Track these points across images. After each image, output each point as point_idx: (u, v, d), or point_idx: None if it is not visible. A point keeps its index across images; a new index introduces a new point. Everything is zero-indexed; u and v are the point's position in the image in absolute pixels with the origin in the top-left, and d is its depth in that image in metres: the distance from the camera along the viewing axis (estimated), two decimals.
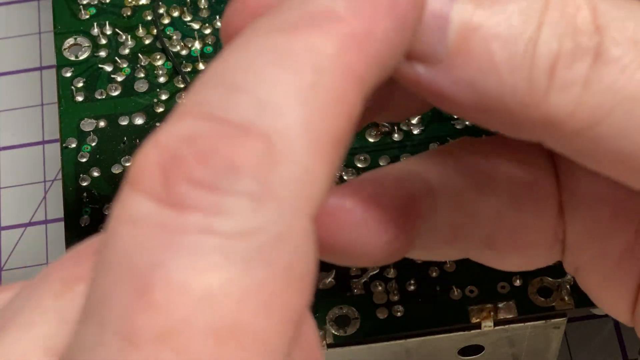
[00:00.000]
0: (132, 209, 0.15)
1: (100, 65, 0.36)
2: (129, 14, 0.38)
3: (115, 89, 0.36)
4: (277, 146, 0.16)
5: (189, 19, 0.37)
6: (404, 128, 0.35)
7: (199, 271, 0.15)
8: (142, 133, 0.35)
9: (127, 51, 0.37)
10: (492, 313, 0.31)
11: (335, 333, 0.31)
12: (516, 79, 0.18)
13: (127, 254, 0.15)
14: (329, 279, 0.32)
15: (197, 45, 0.37)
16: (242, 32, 0.17)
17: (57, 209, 0.41)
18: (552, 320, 0.32)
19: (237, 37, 0.17)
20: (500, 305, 0.31)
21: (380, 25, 0.17)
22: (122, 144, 0.35)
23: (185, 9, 0.37)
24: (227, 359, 0.15)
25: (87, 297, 0.15)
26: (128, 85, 0.36)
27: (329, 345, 0.31)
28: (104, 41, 0.37)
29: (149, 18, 0.37)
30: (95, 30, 0.37)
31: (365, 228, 0.21)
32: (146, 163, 0.16)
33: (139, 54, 0.37)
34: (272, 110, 0.16)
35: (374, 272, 0.32)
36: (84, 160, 0.35)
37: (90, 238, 0.18)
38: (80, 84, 0.36)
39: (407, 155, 0.34)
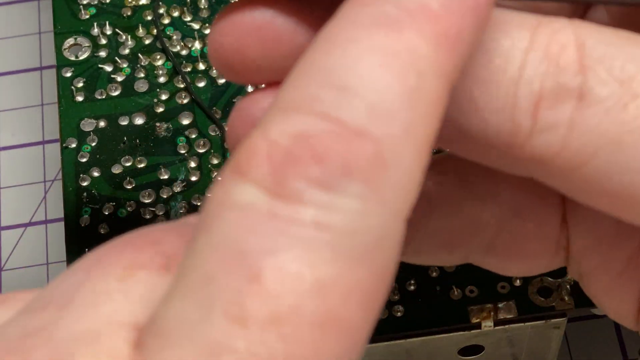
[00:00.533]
0: (239, 195, 0.16)
1: (100, 65, 0.36)
2: (129, 14, 0.38)
3: (115, 89, 0.36)
4: (387, 151, 0.16)
5: (189, 19, 0.37)
6: None
7: (311, 263, 0.15)
8: (142, 133, 0.35)
9: (127, 51, 0.37)
10: (492, 313, 0.31)
11: None
12: (499, 120, 0.18)
13: (236, 238, 0.15)
14: None
15: (197, 45, 0.37)
16: (335, 21, 0.17)
17: (57, 209, 0.41)
18: (552, 320, 0.32)
19: (331, 26, 0.17)
20: (500, 305, 0.31)
21: (468, 24, 0.17)
22: (122, 144, 0.35)
23: (185, 9, 0.37)
24: (327, 350, 0.16)
25: (183, 274, 0.16)
26: (128, 85, 0.36)
27: None
28: (104, 41, 0.37)
29: (149, 18, 0.37)
30: (95, 30, 0.37)
31: None
32: (255, 154, 0.16)
33: (139, 54, 0.37)
34: (383, 115, 0.16)
35: None
36: (84, 160, 0.35)
37: (133, 230, 0.18)
38: (80, 84, 0.36)
39: None
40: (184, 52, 0.37)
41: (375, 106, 0.16)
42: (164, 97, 0.36)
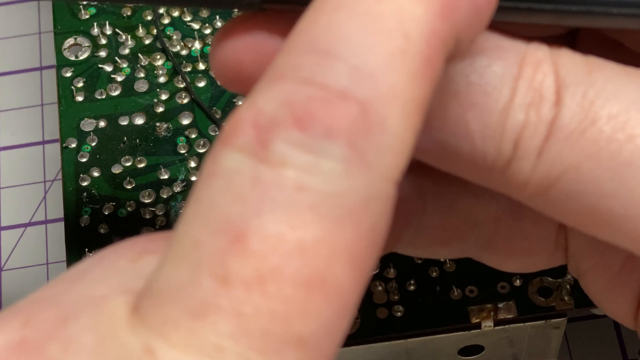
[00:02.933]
0: (225, 163, 0.16)
1: (100, 65, 0.36)
2: (129, 14, 0.38)
3: (115, 89, 0.36)
4: (371, 114, 0.16)
5: (189, 19, 0.37)
6: None
7: (294, 225, 0.16)
8: (142, 133, 0.35)
9: (127, 51, 0.37)
10: (492, 313, 0.31)
11: None
12: (487, 147, 0.19)
13: (221, 204, 0.16)
14: None
15: (197, 45, 0.37)
16: None
17: (57, 209, 0.41)
18: (552, 320, 0.32)
19: None
20: (500, 305, 0.31)
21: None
22: (122, 144, 0.35)
23: (185, 9, 0.37)
24: (313, 309, 0.16)
25: (173, 243, 0.17)
26: (128, 85, 0.36)
27: None
28: (104, 41, 0.37)
29: (149, 18, 0.37)
30: (95, 30, 0.37)
31: None
32: (241, 122, 0.16)
33: (139, 54, 0.37)
34: (366, 77, 0.16)
35: (374, 272, 0.32)
36: (84, 160, 0.35)
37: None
38: (80, 84, 0.36)
39: None
40: (184, 52, 0.37)
41: (359, 68, 0.16)
42: (164, 97, 0.36)
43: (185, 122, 0.35)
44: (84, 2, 0.38)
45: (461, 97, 0.19)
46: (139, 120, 0.35)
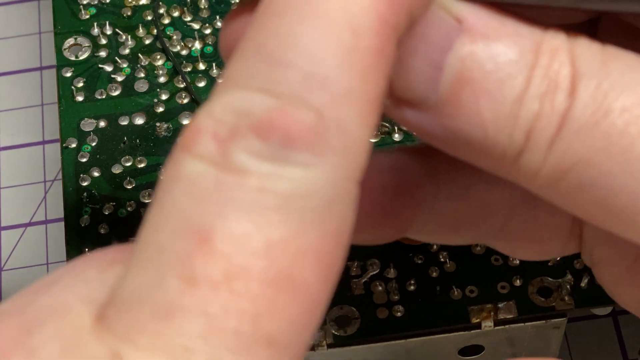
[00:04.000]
0: (186, 169, 0.16)
1: (100, 65, 0.36)
2: (129, 14, 0.38)
3: (115, 89, 0.36)
4: (327, 118, 0.16)
5: (189, 19, 0.37)
6: (405, 128, 0.35)
7: (259, 225, 0.16)
8: (142, 133, 0.35)
9: (127, 51, 0.37)
10: (492, 313, 0.31)
11: (335, 333, 0.31)
12: (499, 136, 0.19)
13: (184, 207, 0.16)
14: None
15: (197, 45, 0.37)
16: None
17: (57, 209, 0.41)
18: (552, 320, 0.32)
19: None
20: (500, 305, 0.31)
21: None
22: (122, 144, 0.35)
23: (185, 9, 0.37)
24: (281, 307, 0.16)
25: (137, 249, 0.17)
26: (128, 85, 0.36)
27: (329, 345, 0.31)
28: (104, 41, 0.37)
29: (149, 18, 0.37)
30: (95, 30, 0.37)
31: None
32: (201, 131, 0.16)
33: (139, 54, 0.37)
34: (318, 82, 0.16)
35: (374, 272, 0.32)
36: (84, 160, 0.35)
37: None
38: (80, 84, 0.36)
39: None
40: (184, 52, 0.37)
41: (310, 74, 0.16)
42: (164, 97, 0.36)
43: (185, 122, 0.35)
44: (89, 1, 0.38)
45: (475, 84, 0.18)
46: (139, 120, 0.35)
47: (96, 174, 0.34)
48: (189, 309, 0.16)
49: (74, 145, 0.35)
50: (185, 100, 0.36)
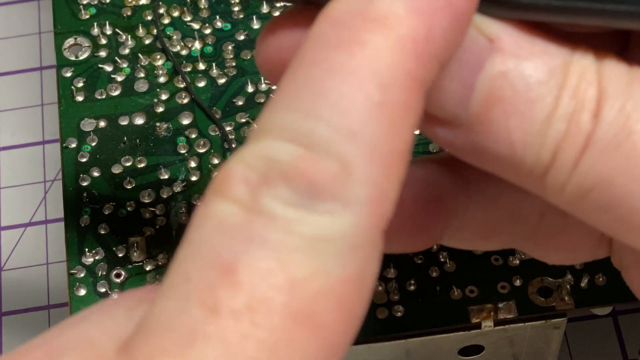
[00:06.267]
0: (216, 209, 0.17)
1: (100, 65, 0.36)
2: (129, 14, 0.38)
3: (115, 89, 0.36)
4: (353, 169, 0.17)
5: (189, 19, 0.37)
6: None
7: (283, 262, 0.16)
8: (142, 133, 0.35)
9: (127, 51, 0.37)
10: (492, 313, 0.31)
11: None
12: (527, 154, 0.19)
13: (212, 242, 0.17)
14: None
15: (197, 45, 0.37)
16: (305, 44, 0.18)
17: (57, 209, 0.41)
18: (552, 320, 0.32)
19: (301, 51, 0.18)
20: (500, 305, 0.31)
21: (439, 23, 0.18)
22: (122, 144, 0.35)
23: (185, 9, 0.37)
24: (299, 341, 0.16)
25: (164, 282, 0.17)
26: (128, 85, 0.36)
27: None
28: (104, 41, 0.37)
29: (149, 18, 0.37)
30: (95, 30, 0.37)
31: None
32: (232, 176, 0.17)
33: (139, 54, 0.37)
34: (346, 135, 0.17)
35: None
36: (84, 160, 0.35)
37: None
38: (80, 84, 0.36)
39: None
40: (184, 52, 0.37)
41: (338, 126, 0.17)
42: (164, 97, 0.36)
43: (185, 122, 0.35)
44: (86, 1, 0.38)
45: (505, 104, 0.19)
46: (139, 120, 0.35)
47: (96, 174, 0.34)
48: (210, 336, 0.16)
49: (74, 145, 0.35)
50: (185, 100, 0.36)
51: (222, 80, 0.36)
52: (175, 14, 0.37)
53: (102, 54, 0.37)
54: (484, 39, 0.19)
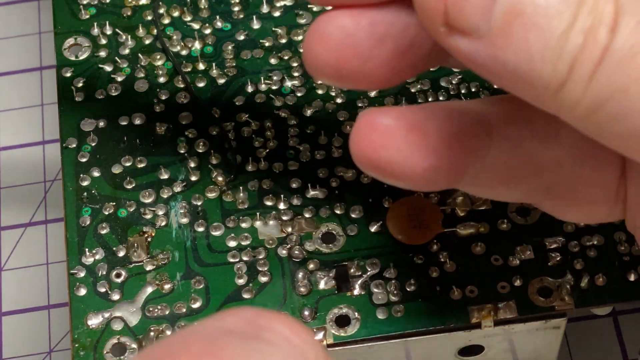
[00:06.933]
0: None
1: (100, 65, 0.36)
2: (129, 14, 0.38)
3: (115, 89, 0.36)
4: None
5: (189, 19, 0.37)
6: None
7: None
8: (142, 133, 0.35)
9: (127, 51, 0.37)
10: (492, 313, 0.31)
11: (335, 333, 0.31)
12: (544, 67, 0.20)
13: None
14: (329, 279, 0.32)
15: (197, 45, 0.37)
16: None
17: (57, 209, 0.41)
18: (552, 320, 0.32)
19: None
20: (500, 305, 0.31)
21: None
22: (122, 144, 0.35)
23: (185, 9, 0.37)
24: None
25: None
26: (128, 85, 0.36)
27: (329, 345, 0.31)
28: (104, 41, 0.37)
29: (149, 18, 0.37)
30: (95, 30, 0.37)
31: (406, 150, 0.23)
32: None
33: (139, 54, 0.37)
34: None
35: (374, 272, 0.32)
36: (84, 160, 0.35)
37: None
38: (80, 84, 0.36)
39: None
40: (184, 52, 0.37)
41: None
42: (164, 97, 0.36)
43: (185, 122, 0.35)
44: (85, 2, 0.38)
45: (525, 17, 0.20)
46: (139, 121, 0.35)
47: (96, 174, 0.34)
48: None
49: (74, 145, 0.35)
50: (185, 100, 0.36)
51: (222, 80, 0.36)
52: (175, 14, 0.37)
53: (102, 54, 0.37)
54: None
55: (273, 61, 0.36)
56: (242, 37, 0.37)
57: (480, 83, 0.35)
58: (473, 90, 0.35)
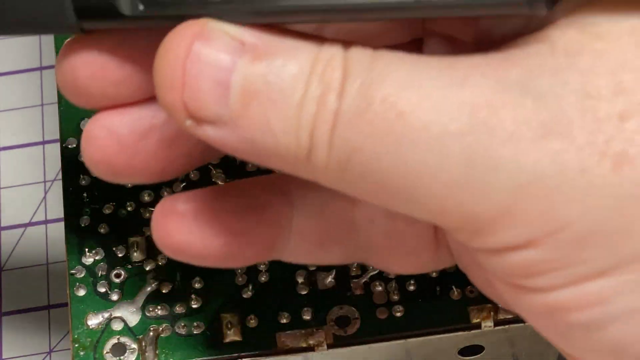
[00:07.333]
0: None
1: None
2: None
3: None
4: None
5: None
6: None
7: None
8: None
9: None
10: (492, 313, 0.31)
11: (335, 333, 0.31)
12: (288, 139, 0.21)
13: None
14: (329, 279, 0.32)
15: None
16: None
17: (57, 209, 0.41)
18: None
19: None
20: (500, 305, 0.31)
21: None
22: None
23: None
24: None
25: None
26: None
27: (329, 346, 0.31)
28: None
29: None
30: None
31: (197, 232, 0.24)
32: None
33: None
34: None
35: (374, 272, 0.32)
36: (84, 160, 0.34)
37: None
38: None
39: None
40: None
41: None
42: None
43: None
44: None
45: (261, 96, 0.20)
46: None
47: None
48: None
49: (74, 145, 0.35)
50: None
51: None
52: None
53: None
54: (234, 42, 0.21)
55: None
56: None
57: None
58: None
